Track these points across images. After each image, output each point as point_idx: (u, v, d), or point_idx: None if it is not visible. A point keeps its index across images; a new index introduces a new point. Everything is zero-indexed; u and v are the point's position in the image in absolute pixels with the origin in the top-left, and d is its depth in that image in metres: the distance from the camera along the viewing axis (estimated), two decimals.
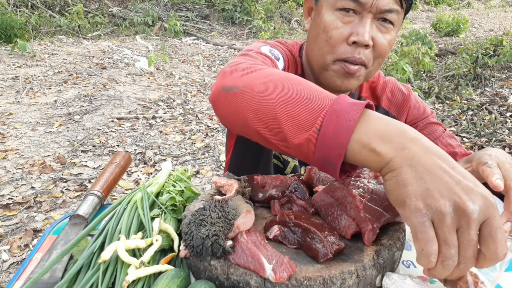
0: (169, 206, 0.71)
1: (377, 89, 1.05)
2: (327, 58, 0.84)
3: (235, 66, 0.67)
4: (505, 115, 3.77)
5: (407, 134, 0.47)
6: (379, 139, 0.48)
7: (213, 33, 8.69)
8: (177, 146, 3.41)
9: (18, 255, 2.01)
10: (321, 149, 0.50)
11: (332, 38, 0.81)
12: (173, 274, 0.55)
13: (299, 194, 0.69)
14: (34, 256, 0.67)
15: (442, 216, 0.42)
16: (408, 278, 0.54)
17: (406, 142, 0.47)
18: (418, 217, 0.43)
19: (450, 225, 0.42)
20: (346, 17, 0.80)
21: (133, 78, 5.26)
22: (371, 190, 0.60)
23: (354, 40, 0.79)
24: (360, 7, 0.78)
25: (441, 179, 0.43)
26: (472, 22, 9.53)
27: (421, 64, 4.87)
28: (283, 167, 1.04)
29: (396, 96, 1.04)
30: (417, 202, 0.43)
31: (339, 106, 0.50)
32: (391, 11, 0.79)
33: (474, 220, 0.42)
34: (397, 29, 0.84)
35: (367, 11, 0.78)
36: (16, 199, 2.46)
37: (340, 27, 0.80)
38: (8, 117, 3.77)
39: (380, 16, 0.80)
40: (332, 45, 0.82)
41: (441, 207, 0.42)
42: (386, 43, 0.82)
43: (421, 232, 0.43)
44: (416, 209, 0.43)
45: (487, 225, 0.42)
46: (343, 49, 0.81)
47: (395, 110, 1.04)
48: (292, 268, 0.51)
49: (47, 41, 6.90)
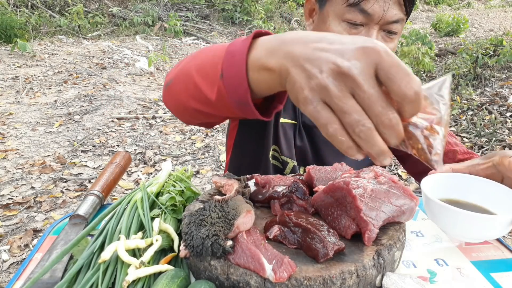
0: (169, 206, 0.71)
1: None
2: None
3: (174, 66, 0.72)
4: (505, 115, 3.77)
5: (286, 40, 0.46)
6: (266, 55, 0.47)
7: (213, 33, 8.69)
8: (177, 146, 3.41)
9: (18, 255, 2.01)
10: (230, 93, 0.51)
11: None
12: (173, 274, 0.55)
13: (299, 194, 0.69)
14: (34, 256, 0.67)
15: (325, 90, 0.39)
16: (408, 278, 0.54)
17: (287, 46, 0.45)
18: (309, 106, 0.40)
19: (338, 93, 0.39)
20: (354, 30, 0.80)
21: (133, 78, 5.26)
22: (371, 190, 0.60)
23: None
24: (368, 19, 0.78)
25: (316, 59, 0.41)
26: (472, 22, 9.53)
27: (421, 64, 4.87)
28: (282, 168, 1.05)
29: None
30: (303, 92, 0.41)
31: (233, 47, 0.51)
32: (398, 21, 0.80)
33: (356, 75, 0.38)
34: (399, 35, 0.85)
35: (374, 22, 0.79)
36: (16, 199, 2.46)
37: None
38: (8, 117, 3.77)
39: (385, 27, 0.80)
40: None
41: (320, 82, 0.39)
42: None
43: (318, 118, 0.40)
44: (304, 99, 0.41)
45: (380, 71, 0.38)
46: None
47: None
48: (292, 268, 0.51)
49: (47, 41, 6.91)
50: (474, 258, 0.68)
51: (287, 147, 1.02)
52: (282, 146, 1.02)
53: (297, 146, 1.03)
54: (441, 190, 0.73)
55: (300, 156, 1.04)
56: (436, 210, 0.67)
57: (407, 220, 0.63)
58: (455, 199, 0.73)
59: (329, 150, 1.02)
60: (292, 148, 1.02)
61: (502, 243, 0.72)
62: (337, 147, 0.41)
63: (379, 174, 0.63)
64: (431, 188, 0.72)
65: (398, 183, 0.63)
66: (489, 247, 0.71)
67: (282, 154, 1.03)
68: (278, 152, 1.04)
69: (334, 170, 0.73)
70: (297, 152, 1.03)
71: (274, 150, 1.03)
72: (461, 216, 0.63)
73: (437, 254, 0.68)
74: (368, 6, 0.77)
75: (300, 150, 1.04)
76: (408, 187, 0.63)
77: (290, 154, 1.02)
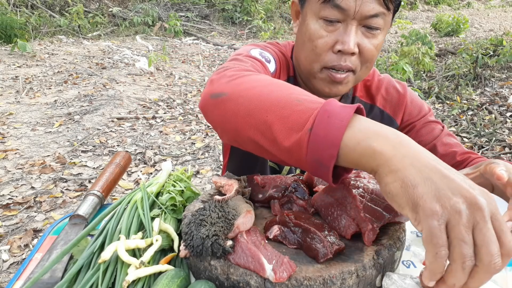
0: (169, 206, 0.71)
1: (372, 88, 1.03)
2: (314, 67, 0.84)
3: (223, 73, 0.67)
4: (505, 115, 3.77)
5: (400, 135, 0.46)
6: (374, 134, 0.46)
7: (213, 33, 8.69)
8: (177, 146, 3.41)
9: (18, 255, 2.01)
10: (313, 150, 0.49)
11: (317, 47, 0.81)
12: (173, 274, 0.55)
13: (299, 194, 0.69)
14: (34, 256, 0.67)
15: (458, 215, 0.40)
16: (408, 278, 0.54)
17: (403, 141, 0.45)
18: (434, 221, 0.40)
19: (466, 223, 0.40)
20: (330, 26, 0.79)
21: (133, 78, 5.26)
22: (371, 190, 0.60)
23: (339, 49, 0.79)
24: (343, 15, 0.77)
25: (447, 178, 0.42)
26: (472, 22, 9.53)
27: (421, 64, 4.87)
28: (279, 169, 1.05)
29: (392, 95, 1.02)
30: (432, 204, 0.41)
31: (330, 107, 0.50)
32: (377, 15, 0.77)
33: (488, 213, 0.40)
34: (385, 31, 0.83)
35: (350, 18, 0.77)
36: (16, 199, 2.46)
37: (324, 36, 0.79)
38: (8, 117, 3.77)
39: (365, 22, 0.78)
40: (318, 54, 0.81)
41: (455, 205, 0.40)
42: (372, 48, 0.81)
43: (436, 237, 0.40)
44: (432, 211, 0.41)
45: (495, 221, 0.41)
46: (329, 57, 0.81)
47: (391, 109, 1.02)
48: (292, 268, 0.51)
49: (47, 41, 6.90)
50: None
51: None
52: None
53: None
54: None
55: None
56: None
57: (407, 220, 0.63)
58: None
59: None
60: None
61: None
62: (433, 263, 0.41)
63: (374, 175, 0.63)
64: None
65: None
66: None
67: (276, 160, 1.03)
68: None
69: None
70: None
71: None
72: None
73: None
74: (342, 1, 0.75)
75: None
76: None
77: None
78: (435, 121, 1.02)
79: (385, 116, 1.01)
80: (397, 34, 8.56)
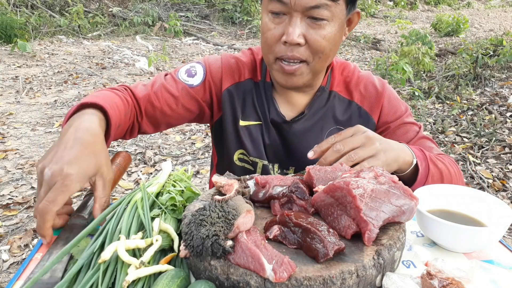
0: (169, 206, 0.71)
1: (351, 84, 1.03)
2: (269, 58, 0.91)
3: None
4: (505, 115, 3.77)
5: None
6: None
7: (213, 33, 8.69)
8: (177, 146, 3.41)
9: (18, 255, 2.01)
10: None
11: (268, 39, 0.88)
12: (173, 274, 0.55)
13: (299, 194, 0.69)
14: (34, 256, 0.67)
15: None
16: (408, 278, 0.54)
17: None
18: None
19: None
20: (277, 19, 0.85)
21: (133, 78, 5.26)
22: (371, 190, 0.60)
23: (284, 40, 0.84)
24: (286, 7, 0.82)
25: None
26: (472, 22, 9.53)
27: (421, 64, 4.87)
28: (253, 169, 1.06)
29: (370, 92, 1.03)
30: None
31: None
32: (318, 6, 0.81)
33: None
34: (335, 22, 0.85)
35: (293, 10, 0.81)
36: (16, 199, 2.46)
37: (272, 28, 0.86)
38: (8, 117, 3.77)
39: (309, 13, 0.82)
40: (270, 45, 0.88)
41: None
42: (320, 39, 0.84)
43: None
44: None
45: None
46: (278, 48, 0.87)
47: (368, 105, 1.02)
48: (292, 268, 0.51)
49: (47, 41, 6.91)
50: (474, 257, 0.68)
51: (254, 148, 1.03)
52: (248, 148, 1.03)
53: (266, 145, 1.04)
54: (434, 201, 0.75)
55: (271, 154, 1.05)
56: (426, 223, 0.69)
57: (407, 220, 0.63)
58: (448, 209, 0.74)
59: (300, 143, 1.02)
60: (261, 147, 1.03)
61: (502, 243, 0.73)
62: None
63: (379, 174, 0.63)
64: (424, 199, 0.72)
65: (398, 183, 0.63)
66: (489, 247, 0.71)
67: (250, 155, 1.04)
68: (246, 155, 1.05)
69: (334, 170, 0.73)
70: (268, 150, 1.04)
71: (241, 154, 1.06)
72: (450, 228, 0.64)
73: (437, 253, 0.68)
74: None
75: (271, 148, 1.04)
76: (408, 187, 0.63)
77: (258, 154, 1.03)
78: (411, 123, 1.02)
79: (362, 112, 1.02)
80: (397, 34, 8.56)
